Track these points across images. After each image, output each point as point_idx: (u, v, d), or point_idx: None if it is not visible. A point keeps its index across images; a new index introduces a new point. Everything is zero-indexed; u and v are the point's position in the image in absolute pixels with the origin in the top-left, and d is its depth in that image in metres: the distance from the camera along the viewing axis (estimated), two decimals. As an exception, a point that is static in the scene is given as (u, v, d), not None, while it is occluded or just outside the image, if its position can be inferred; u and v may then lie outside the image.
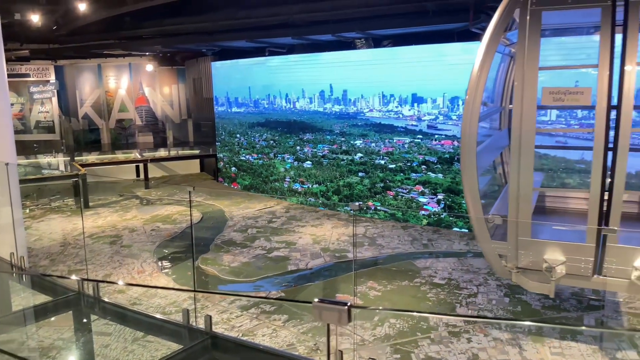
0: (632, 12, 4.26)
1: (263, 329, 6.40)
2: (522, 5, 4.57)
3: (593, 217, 4.62)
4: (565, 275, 4.82)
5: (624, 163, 4.39)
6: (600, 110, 4.41)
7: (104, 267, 8.61)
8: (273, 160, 13.75)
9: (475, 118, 4.79)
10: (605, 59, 4.36)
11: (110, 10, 11.40)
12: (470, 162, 4.87)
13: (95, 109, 20.97)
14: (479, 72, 4.77)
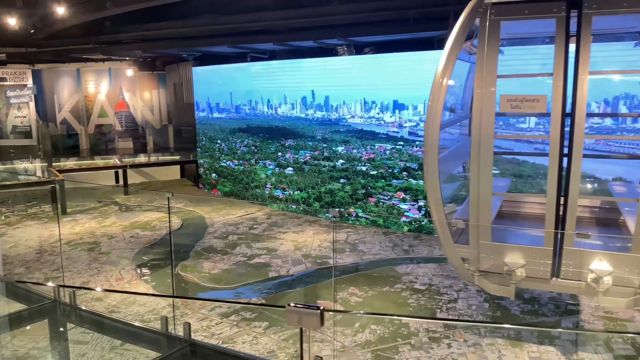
0: (584, 23, 4.38)
1: (243, 336, 6.35)
2: (482, 14, 4.68)
3: (550, 221, 4.72)
4: (525, 278, 4.92)
5: (578, 169, 4.50)
6: (555, 118, 4.52)
7: (82, 275, 8.47)
8: (254, 166, 13.71)
9: (437, 124, 4.86)
10: (560, 68, 4.47)
11: (89, 15, 11.27)
12: (432, 168, 4.94)
13: (74, 114, 20.67)
14: (440, 79, 4.84)
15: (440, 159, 4.99)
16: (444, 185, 5.45)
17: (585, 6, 4.37)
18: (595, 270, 4.61)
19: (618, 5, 4.31)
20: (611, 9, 4.35)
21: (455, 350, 5.87)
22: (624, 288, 4.62)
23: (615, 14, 4.44)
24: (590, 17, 4.35)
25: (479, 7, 4.71)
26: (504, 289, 5.03)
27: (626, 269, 4.55)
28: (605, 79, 7.36)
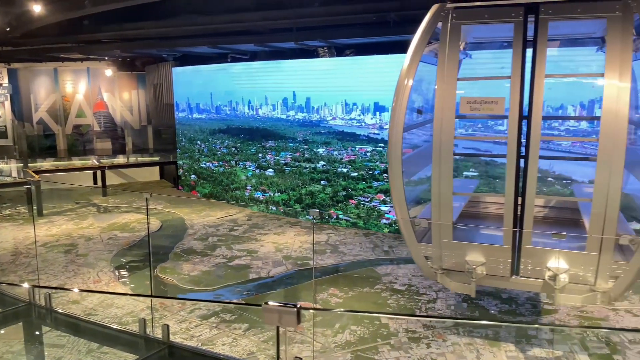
0: (541, 27, 4.52)
1: (223, 338, 6.32)
2: (444, 18, 4.82)
3: (508, 221, 4.84)
4: (486, 276, 5.04)
5: (535, 169, 4.61)
6: (512, 120, 4.64)
7: (58, 277, 8.33)
8: (234, 167, 13.64)
9: (400, 126, 4.96)
10: (517, 72, 4.60)
11: (67, 13, 11.09)
12: (396, 168, 5.04)
13: (51, 114, 20.33)
14: (404, 81, 4.97)
15: (404, 160, 5.11)
16: (419, 186, 5.54)
17: (541, 12, 4.51)
18: (552, 268, 4.75)
19: (572, 11, 4.46)
20: (566, 15, 4.50)
21: (435, 350, 5.92)
22: (580, 285, 4.77)
23: (570, 20, 4.60)
24: (547, 22, 4.49)
25: (441, 11, 4.86)
26: (465, 286, 5.16)
27: (582, 266, 4.69)
28: (563, 83, 7.57)
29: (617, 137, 4.29)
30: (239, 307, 7.16)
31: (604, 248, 4.56)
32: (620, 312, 6.81)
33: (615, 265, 4.63)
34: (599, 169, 4.41)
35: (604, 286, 4.70)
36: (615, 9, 4.31)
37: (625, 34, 4.28)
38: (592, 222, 4.54)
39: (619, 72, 4.27)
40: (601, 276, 4.68)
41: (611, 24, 4.34)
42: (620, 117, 4.27)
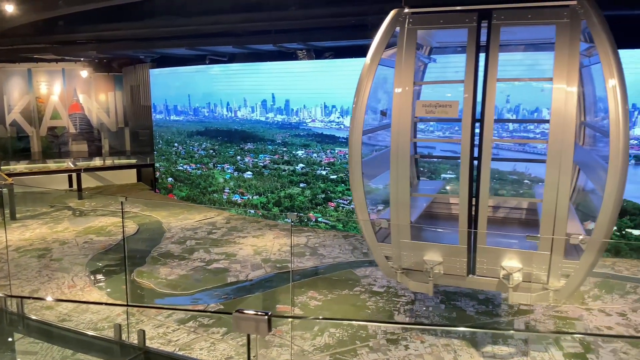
0: (493, 32, 4.63)
1: (201, 342, 6.26)
2: (402, 23, 4.92)
3: (463, 221, 4.95)
4: (444, 275, 5.15)
5: (487, 171, 4.72)
6: (465, 123, 4.74)
7: (31, 282, 8.16)
8: (212, 170, 13.54)
9: (359, 128, 5.06)
10: (470, 76, 4.70)
11: (41, 13, 10.89)
12: (356, 170, 5.13)
13: (24, 115, 19.92)
14: (363, 85, 5.07)
15: (367, 162, 5.21)
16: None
17: (494, 17, 4.62)
18: (506, 267, 4.85)
19: (523, 17, 4.59)
20: (517, 20, 4.61)
21: (413, 352, 5.95)
22: (534, 284, 4.87)
23: (520, 25, 4.73)
24: (499, 27, 4.61)
25: (399, 16, 4.95)
26: (423, 285, 5.26)
27: (534, 265, 4.80)
28: (521, 86, 7.78)
29: (566, 139, 4.40)
30: (217, 311, 7.11)
31: (555, 247, 4.68)
32: (594, 312, 6.95)
33: (566, 264, 4.75)
34: (548, 170, 4.52)
35: (556, 284, 4.83)
36: (563, 16, 4.44)
37: (572, 40, 4.40)
38: (542, 222, 4.65)
39: (566, 77, 4.39)
40: (553, 275, 4.80)
41: (559, 29, 4.46)
42: (568, 119, 4.38)
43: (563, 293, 4.88)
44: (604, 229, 4.49)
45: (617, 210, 4.46)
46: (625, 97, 4.32)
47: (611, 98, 4.30)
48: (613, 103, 4.29)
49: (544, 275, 4.81)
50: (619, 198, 4.42)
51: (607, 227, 4.48)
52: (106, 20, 11.87)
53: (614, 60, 4.31)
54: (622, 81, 4.32)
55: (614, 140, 4.30)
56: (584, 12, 4.40)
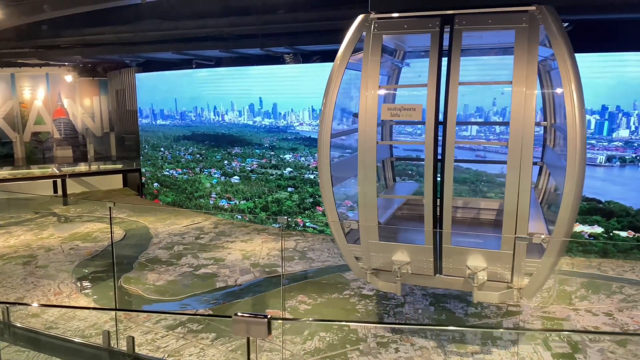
0: (455, 37, 4.73)
1: (190, 348, 6.21)
2: (367, 28, 5.03)
3: (429, 221, 5.04)
4: (412, 274, 5.24)
5: (450, 173, 4.82)
6: (429, 126, 4.84)
7: (16, 290, 8.04)
8: (199, 175, 13.47)
9: (328, 132, 5.19)
10: (433, 80, 4.80)
11: (25, 18, 10.77)
12: (325, 173, 5.28)
13: (7, 121, 19.65)
14: (331, 88, 5.16)
15: (334, 165, 5.33)
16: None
17: (456, 22, 4.74)
18: (470, 267, 4.94)
19: (484, 23, 4.71)
20: (478, 25, 4.74)
21: (403, 355, 5.96)
22: (498, 282, 4.97)
23: (481, 30, 4.85)
24: (461, 32, 4.72)
25: (366, 21, 5.05)
26: (392, 285, 5.35)
27: (498, 265, 4.89)
28: (482, 90, 7.96)
29: (525, 140, 4.50)
30: (206, 316, 7.06)
31: (517, 246, 4.78)
32: (581, 312, 7.02)
33: (528, 263, 4.86)
34: (509, 171, 4.62)
35: (520, 283, 4.92)
36: (522, 21, 4.55)
37: (531, 44, 4.51)
38: (505, 221, 4.75)
39: (525, 80, 4.49)
40: (517, 273, 4.90)
41: (518, 34, 4.57)
42: (527, 122, 4.49)
43: (527, 291, 4.98)
44: (564, 228, 4.61)
45: (575, 209, 4.58)
46: (582, 100, 4.44)
47: (568, 101, 4.43)
48: (570, 106, 4.42)
49: (509, 274, 4.91)
50: (577, 197, 4.55)
51: (566, 226, 4.60)
52: (91, 25, 11.79)
53: (571, 64, 4.43)
54: (578, 84, 4.44)
55: (571, 142, 4.44)
56: (542, 18, 4.52)
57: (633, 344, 6.14)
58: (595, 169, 9.21)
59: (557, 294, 7.59)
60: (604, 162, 9.11)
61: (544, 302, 7.32)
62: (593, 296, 7.53)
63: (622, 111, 8.92)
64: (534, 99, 4.49)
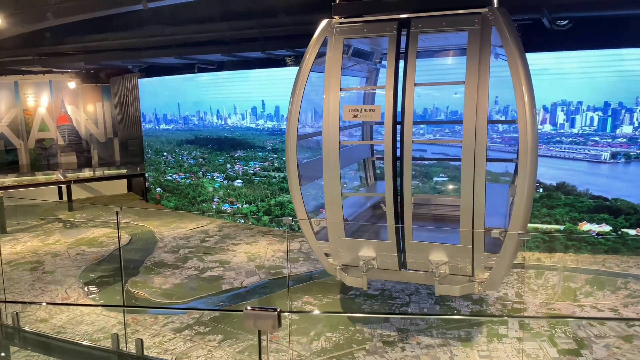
0: (412, 40, 4.88)
1: (198, 350, 6.26)
2: (330, 33, 5.22)
3: (390, 217, 5.17)
4: (378, 269, 5.39)
5: (409, 170, 4.95)
6: (387, 126, 4.98)
7: (24, 295, 8.11)
8: (201, 179, 13.52)
9: (294, 132, 5.38)
10: (391, 81, 4.95)
11: (28, 26, 10.85)
12: (293, 171, 5.44)
13: (12, 128, 19.78)
14: (297, 91, 5.42)
15: (302, 165, 5.52)
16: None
17: (412, 25, 4.88)
18: (432, 261, 5.09)
19: (439, 25, 4.86)
20: (434, 28, 4.89)
21: (409, 353, 6.00)
22: (461, 276, 5.11)
23: (436, 33, 5.01)
24: (417, 35, 4.87)
25: (329, 26, 5.25)
26: (358, 280, 5.47)
27: (459, 259, 5.03)
28: (441, 90, 8.13)
29: (479, 138, 4.62)
30: (213, 319, 7.11)
31: (475, 241, 4.91)
32: (586, 308, 7.04)
33: (487, 257, 4.99)
34: (463, 169, 4.74)
35: (481, 276, 5.06)
36: (474, 22, 4.68)
37: (483, 45, 4.63)
38: (462, 217, 4.88)
39: (477, 80, 4.61)
40: (477, 267, 5.03)
41: (471, 35, 4.69)
42: (480, 120, 4.61)
43: (488, 284, 5.10)
44: (519, 222, 4.75)
45: (529, 204, 4.74)
46: (533, 100, 4.58)
47: (519, 100, 4.55)
48: (520, 104, 4.54)
49: (469, 268, 5.05)
50: (530, 193, 4.71)
51: (522, 220, 4.74)
52: (93, 31, 11.86)
53: (521, 64, 4.56)
54: (528, 84, 4.57)
55: (522, 140, 4.57)
56: (494, 19, 4.64)
57: (639, 339, 6.16)
58: (600, 166, 9.21)
59: (562, 291, 7.62)
60: (609, 158, 9.11)
61: (549, 299, 7.34)
62: (598, 292, 7.55)
63: (624, 107, 8.93)
64: (487, 98, 4.62)
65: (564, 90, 9.07)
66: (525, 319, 6.84)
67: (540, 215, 9.34)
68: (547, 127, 9.27)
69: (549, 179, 9.33)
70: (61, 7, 9.68)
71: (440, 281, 5.05)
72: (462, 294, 5.21)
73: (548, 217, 9.31)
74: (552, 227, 9.28)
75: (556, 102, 9.18)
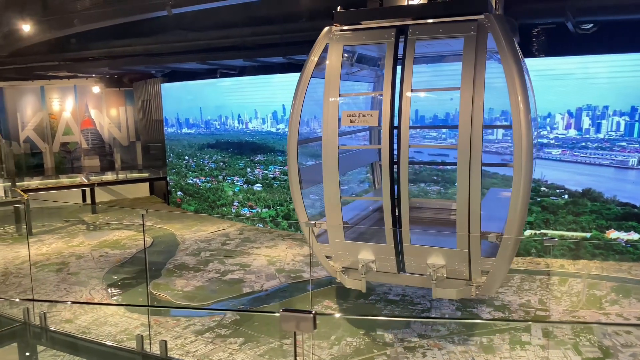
0: (409, 46, 4.95)
1: (219, 353, 6.30)
2: (331, 40, 5.33)
3: (388, 221, 5.20)
4: (378, 272, 5.44)
5: (405, 174, 4.99)
6: (385, 131, 5.04)
7: (50, 296, 8.25)
8: (222, 183, 13.62)
9: (295, 136, 5.53)
10: (388, 87, 5.02)
11: (56, 32, 11.11)
12: (294, 175, 5.57)
13: (37, 132, 20.22)
14: (298, 96, 5.56)
15: (305, 169, 5.67)
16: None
17: (410, 32, 4.96)
18: (429, 265, 5.12)
19: (436, 32, 4.93)
20: (430, 35, 4.97)
21: (430, 359, 5.95)
22: (458, 279, 5.15)
23: (433, 39, 5.07)
24: (414, 42, 4.94)
25: (329, 33, 5.36)
26: (357, 282, 5.53)
27: (455, 262, 5.05)
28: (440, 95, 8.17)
29: (474, 143, 4.66)
30: (234, 322, 7.15)
31: (472, 245, 4.93)
32: (612, 316, 6.91)
33: (484, 261, 5.01)
34: (459, 173, 4.78)
35: (478, 280, 5.09)
36: (470, 29, 4.72)
37: (479, 51, 4.67)
38: (458, 221, 4.91)
39: (472, 86, 4.66)
40: (474, 271, 5.05)
41: (466, 42, 4.74)
42: (475, 125, 4.65)
43: (485, 288, 5.13)
44: (514, 227, 4.76)
45: (524, 208, 4.74)
46: (528, 106, 4.59)
47: (514, 106, 4.57)
48: (515, 109, 4.56)
49: (467, 272, 5.07)
50: (525, 198, 4.70)
51: (517, 224, 4.75)
52: (118, 37, 12.08)
53: (516, 70, 4.59)
54: (523, 90, 4.59)
55: (517, 145, 4.59)
56: (490, 26, 4.68)
57: (666, 349, 6.03)
58: (627, 172, 9.04)
59: (587, 298, 7.49)
60: (636, 164, 8.94)
61: (574, 307, 7.23)
62: (624, 300, 7.41)
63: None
64: (482, 104, 4.66)
65: (589, 94, 8.93)
66: (549, 326, 6.74)
67: (565, 223, 9.19)
68: (572, 132, 9.13)
69: (574, 185, 9.16)
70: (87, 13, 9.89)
71: (438, 284, 5.11)
72: (458, 297, 5.28)
73: (574, 224, 9.15)
74: (578, 234, 9.12)
75: (581, 107, 9.05)
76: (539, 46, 8.96)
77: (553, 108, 9.02)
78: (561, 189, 9.11)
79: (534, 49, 9.01)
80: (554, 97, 8.78)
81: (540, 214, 9.29)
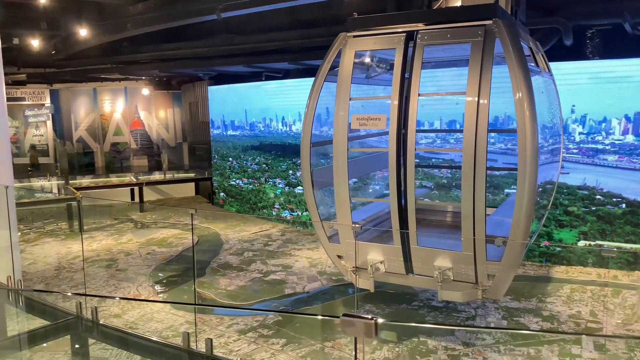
0: (417, 52, 5.02)
1: (261, 352, 6.36)
2: (344, 45, 5.49)
3: (395, 222, 5.28)
4: (386, 273, 5.54)
5: (412, 177, 5.10)
6: (392, 134, 5.12)
7: (100, 291, 8.55)
8: (263, 185, 13.76)
9: (308, 139, 5.69)
10: (396, 91, 5.09)
11: (110, 36, 11.53)
12: (307, 177, 5.76)
13: (90, 132, 21.02)
14: (312, 99, 5.73)
15: (318, 171, 5.84)
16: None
17: (418, 38, 5.04)
18: (436, 267, 5.16)
19: (444, 37, 5.00)
20: (439, 40, 5.05)
21: (475, 368, 5.83)
22: (465, 282, 5.17)
23: (442, 44, 5.19)
24: (422, 47, 5.03)
25: (343, 39, 5.52)
26: (366, 282, 5.67)
27: (461, 265, 5.07)
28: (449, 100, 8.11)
29: (479, 147, 4.71)
30: (276, 323, 7.21)
31: (477, 248, 4.97)
32: (669, 332, 6.59)
33: (490, 265, 5.01)
34: (463, 177, 4.84)
35: (485, 283, 5.10)
36: (478, 34, 4.77)
37: (486, 56, 4.72)
38: (463, 224, 4.96)
39: (478, 91, 4.71)
40: (480, 274, 5.06)
41: (473, 47, 4.78)
42: (480, 130, 4.71)
43: (492, 292, 5.12)
44: (520, 231, 4.77)
45: (529, 213, 4.75)
46: (534, 111, 4.62)
47: (519, 111, 4.62)
48: (520, 114, 4.61)
49: (472, 275, 5.09)
50: (530, 202, 4.72)
51: (522, 228, 4.76)
52: (168, 40, 12.42)
53: (522, 76, 4.63)
54: (529, 95, 4.61)
55: (521, 150, 4.63)
56: (498, 31, 4.72)
57: None
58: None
59: (642, 312, 7.17)
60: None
61: (628, 319, 6.93)
62: (682, 315, 7.05)
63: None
64: (487, 108, 4.71)
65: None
66: (601, 339, 6.48)
67: (623, 234, 8.80)
68: (630, 137, 8.73)
69: (632, 193, 8.74)
70: (140, 18, 10.21)
71: (444, 287, 5.17)
72: (464, 300, 5.34)
73: (632, 235, 8.74)
74: (638, 246, 8.71)
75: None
76: (593, 48, 8.65)
77: (609, 112, 8.66)
78: (618, 197, 8.73)
79: (588, 51, 8.71)
80: (611, 100, 8.43)
81: (595, 224, 8.94)
